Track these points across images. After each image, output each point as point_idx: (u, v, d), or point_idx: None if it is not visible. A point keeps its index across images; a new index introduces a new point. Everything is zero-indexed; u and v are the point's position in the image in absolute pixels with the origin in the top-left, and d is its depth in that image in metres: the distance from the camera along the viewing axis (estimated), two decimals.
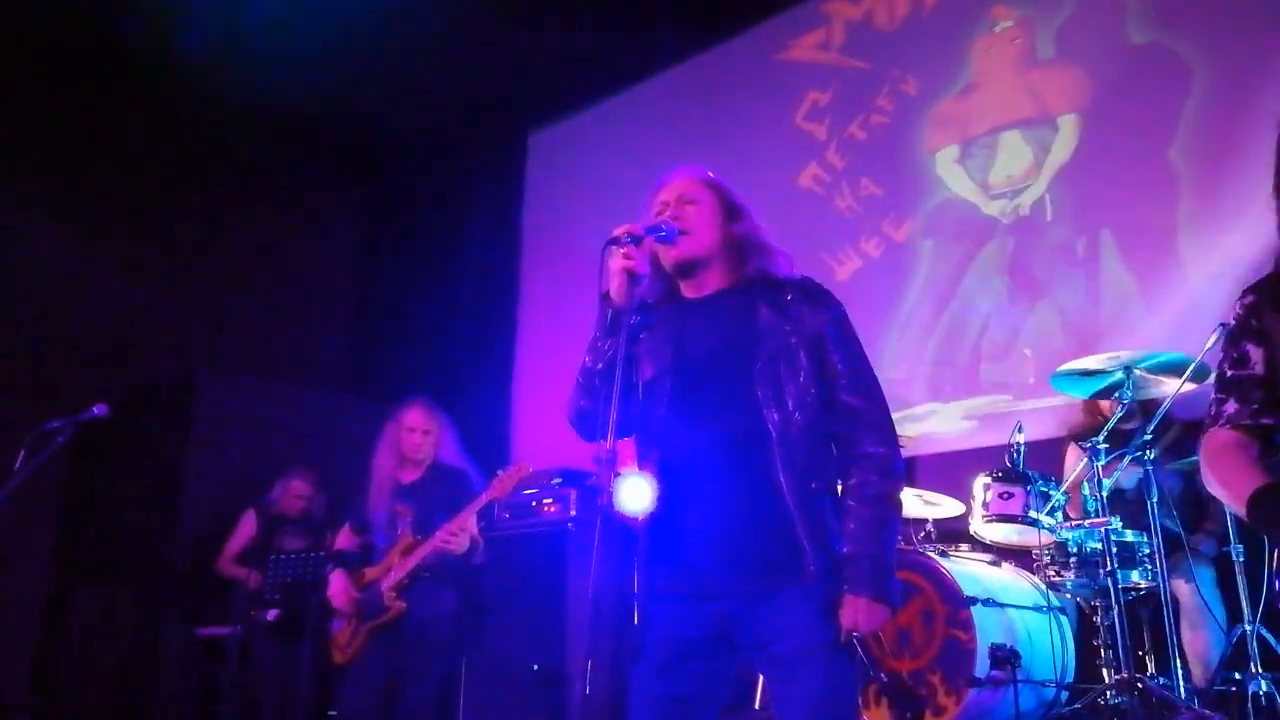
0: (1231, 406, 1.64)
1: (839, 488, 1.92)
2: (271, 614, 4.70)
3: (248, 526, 5.11)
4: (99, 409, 3.55)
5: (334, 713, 3.98)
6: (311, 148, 6.67)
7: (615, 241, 1.98)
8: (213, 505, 5.54)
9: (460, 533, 3.78)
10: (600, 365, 1.99)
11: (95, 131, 5.81)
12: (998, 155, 4.90)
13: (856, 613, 1.81)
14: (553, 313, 6.38)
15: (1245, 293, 1.69)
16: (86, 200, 5.79)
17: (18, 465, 3.41)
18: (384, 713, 3.76)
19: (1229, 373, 1.67)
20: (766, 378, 1.92)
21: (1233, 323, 1.69)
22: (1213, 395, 1.70)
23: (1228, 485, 1.62)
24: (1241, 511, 1.57)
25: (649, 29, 6.07)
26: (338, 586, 3.90)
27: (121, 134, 5.91)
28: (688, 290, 2.08)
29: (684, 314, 2.05)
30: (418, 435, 3.98)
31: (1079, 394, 3.94)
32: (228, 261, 6.27)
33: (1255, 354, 1.64)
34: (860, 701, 3.28)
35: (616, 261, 1.98)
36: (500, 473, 3.91)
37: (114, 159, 5.88)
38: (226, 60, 5.94)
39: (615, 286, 1.98)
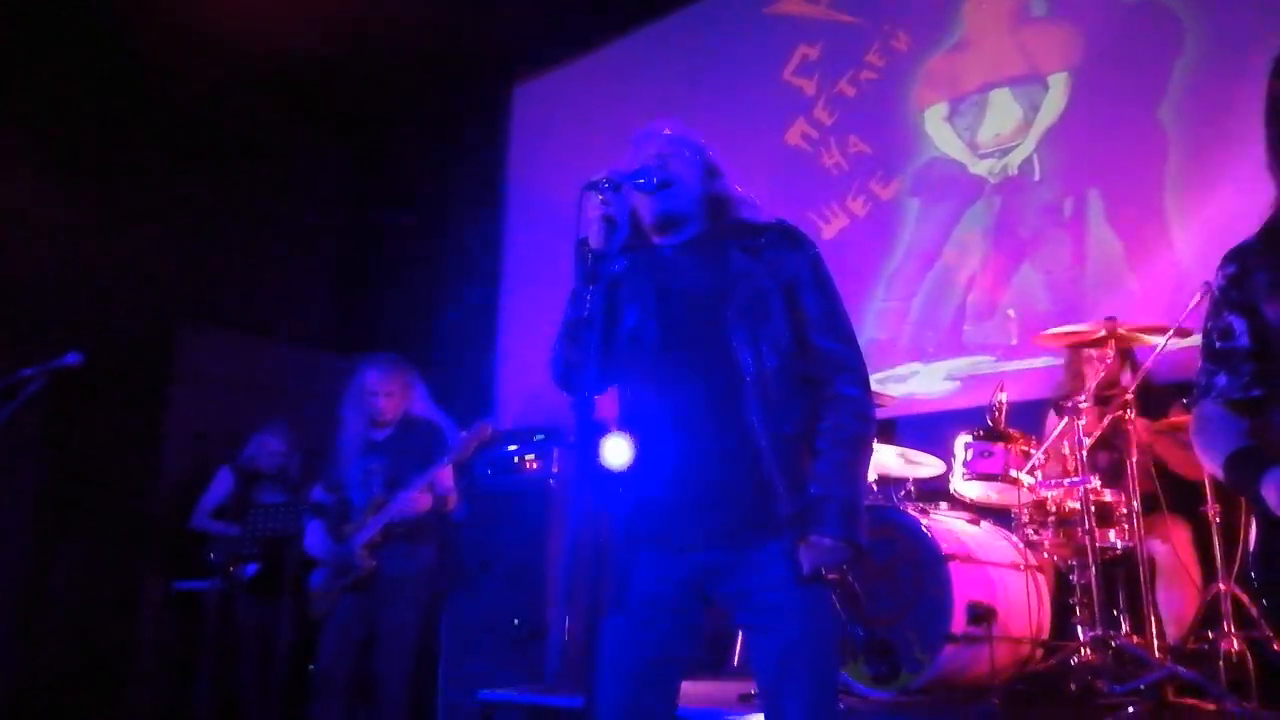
0: (1223, 379, 1.64)
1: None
2: (250, 569, 4.69)
3: (222, 484, 5.08)
4: (72, 357, 3.50)
5: (314, 667, 3.98)
6: (295, 101, 6.56)
7: (594, 186, 1.94)
8: (193, 459, 5.50)
9: (422, 494, 3.73)
10: (584, 314, 1.96)
11: (75, 82, 5.68)
12: (987, 113, 4.86)
13: (820, 553, 1.81)
14: (538, 267, 6.33)
15: (1226, 261, 1.67)
16: (66, 151, 5.68)
17: None
18: (361, 668, 3.76)
19: (1217, 344, 1.66)
20: (741, 322, 1.90)
21: (1215, 292, 1.67)
22: (1202, 364, 1.68)
23: (1209, 450, 1.63)
24: (1220, 474, 1.58)
25: None
26: (315, 536, 3.88)
27: (102, 84, 5.78)
28: (662, 238, 2.05)
29: (660, 261, 2.03)
30: (380, 398, 3.87)
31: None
32: (210, 215, 6.18)
33: (1239, 325, 1.63)
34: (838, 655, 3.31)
35: (594, 208, 1.94)
36: (463, 434, 3.83)
37: (96, 110, 5.75)
38: (209, 12, 5.81)
39: (594, 233, 1.95)
